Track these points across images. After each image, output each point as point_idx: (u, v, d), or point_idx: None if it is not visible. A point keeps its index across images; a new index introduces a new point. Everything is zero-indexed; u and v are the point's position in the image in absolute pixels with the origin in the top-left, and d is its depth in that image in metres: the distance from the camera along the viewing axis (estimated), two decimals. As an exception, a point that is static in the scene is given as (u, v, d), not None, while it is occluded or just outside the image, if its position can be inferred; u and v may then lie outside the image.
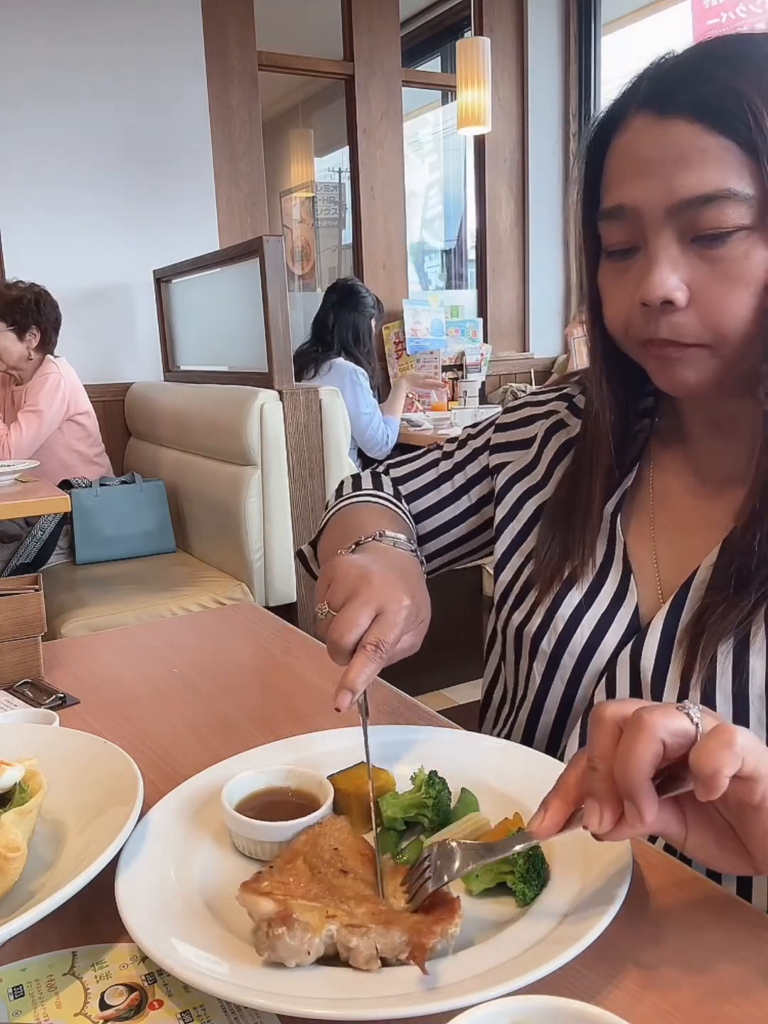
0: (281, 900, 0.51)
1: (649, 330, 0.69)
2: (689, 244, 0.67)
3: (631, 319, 0.71)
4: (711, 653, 0.71)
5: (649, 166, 0.67)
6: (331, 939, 0.50)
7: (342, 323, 3.41)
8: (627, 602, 0.79)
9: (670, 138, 0.66)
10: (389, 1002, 0.47)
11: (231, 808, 0.62)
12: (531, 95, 4.36)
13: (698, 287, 0.67)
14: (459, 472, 0.99)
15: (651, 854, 0.62)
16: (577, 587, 0.81)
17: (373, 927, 0.50)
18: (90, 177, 3.34)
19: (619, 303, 0.73)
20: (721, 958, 0.52)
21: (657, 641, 0.75)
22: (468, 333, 4.28)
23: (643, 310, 0.69)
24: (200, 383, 3.05)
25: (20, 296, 2.84)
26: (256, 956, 0.51)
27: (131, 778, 0.64)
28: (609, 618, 0.79)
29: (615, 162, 0.71)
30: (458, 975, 0.49)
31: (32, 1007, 0.50)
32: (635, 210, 0.68)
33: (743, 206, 0.64)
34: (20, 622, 0.96)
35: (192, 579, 2.62)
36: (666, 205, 0.66)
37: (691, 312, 0.68)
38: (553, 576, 0.83)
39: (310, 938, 0.50)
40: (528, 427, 0.95)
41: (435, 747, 0.75)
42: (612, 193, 0.71)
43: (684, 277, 0.67)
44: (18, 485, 2.34)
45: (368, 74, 4.02)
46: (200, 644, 1.15)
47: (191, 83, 3.50)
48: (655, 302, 0.67)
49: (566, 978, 0.48)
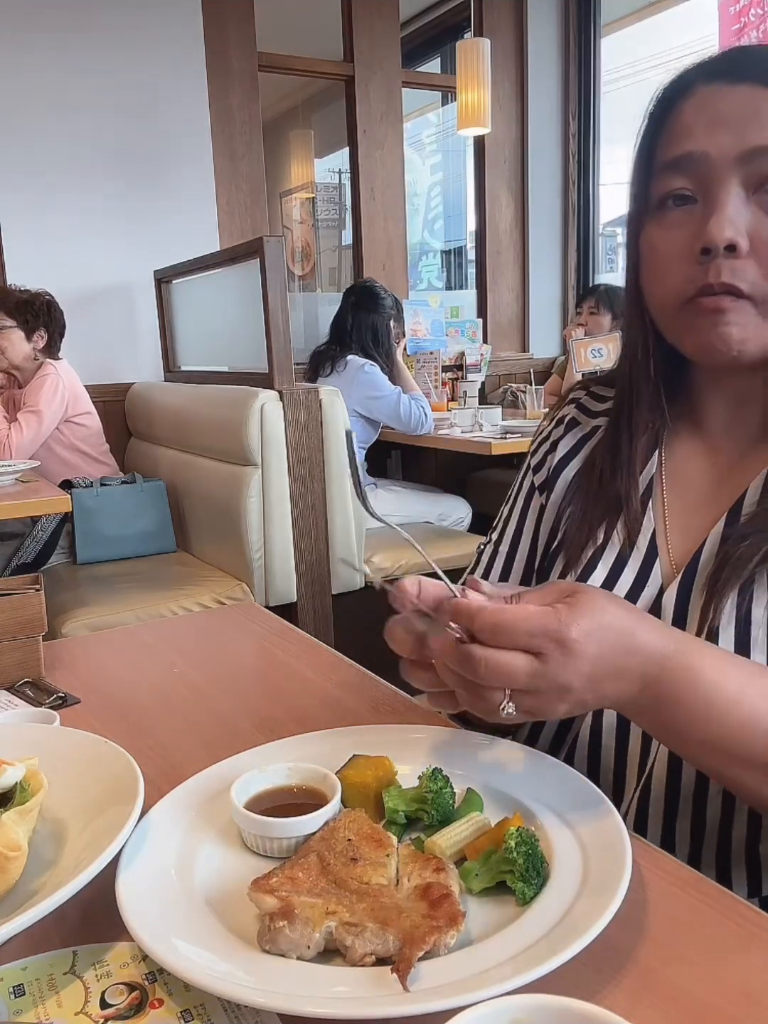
0: (284, 896, 0.52)
1: (707, 276, 0.70)
2: (752, 196, 0.69)
3: (685, 271, 0.71)
4: (724, 602, 0.72)
5: (722, 118, 0.69)
6: (330, 935, 0.51)
7: (361, 324, 3.43)
8: (650, 582, 0.80)
9: (742, 97, 0.69)
10: (389, 1000, 0.47)
11: (240, 807, 0.62)
12: (531, 95, 4.36)
13: (759, 238, 0.69)
14: (520, 539, 0.93)
15: (651, 854, 0.62)
16: (603, 564, 0.82)
17: (369, 926, 0.51)
18: (91, 177, 3.34)
19: (671, 256, 0.73)
20: (721, 958, 0.52)
21: (672, 610, 0.77)
22: (468, 333, 4.28)
23: (700, 259, 0.70)
24: (200, 383, 3.05)
25: (32, 299, 2.89)
26: (257, 955, 0.51)
27: (132, 777, 0.64)
28: (632, 599, 0.79)
29: (683, 119, 0.72)
30: (458, 973, 0.49)
31: (33, 1006, 0.50)
32: (704, 157, 0.70)
33: None
34: (21, 622, 0.96)
35: (192, 579, 2.62)
36: (737, 151, 0.68)
37: (751, 260, 0.69)
38: (580, 550, 0.83)
39: (310, 932, 0.51)
40: (550, 450, 0.92)
41: (435, 746, 0.75)
42: (679, 143, 0.72)
43: (746, 225, 0.69)
44: (19, 485, 2.34)
45: (368, 75, 4.02)
46: (200, 644, 1.15)
47: (191, 84, 3.50)
48: (720, 244, 0.68)
49: (566, 977, 0.48)
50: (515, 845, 0.55)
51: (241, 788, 0.64)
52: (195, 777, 0.70)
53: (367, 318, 3.44)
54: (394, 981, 0.48)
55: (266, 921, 0.51)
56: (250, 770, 0.67)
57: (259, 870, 0.57)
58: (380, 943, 0.50)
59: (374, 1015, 0.46)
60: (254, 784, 0.66)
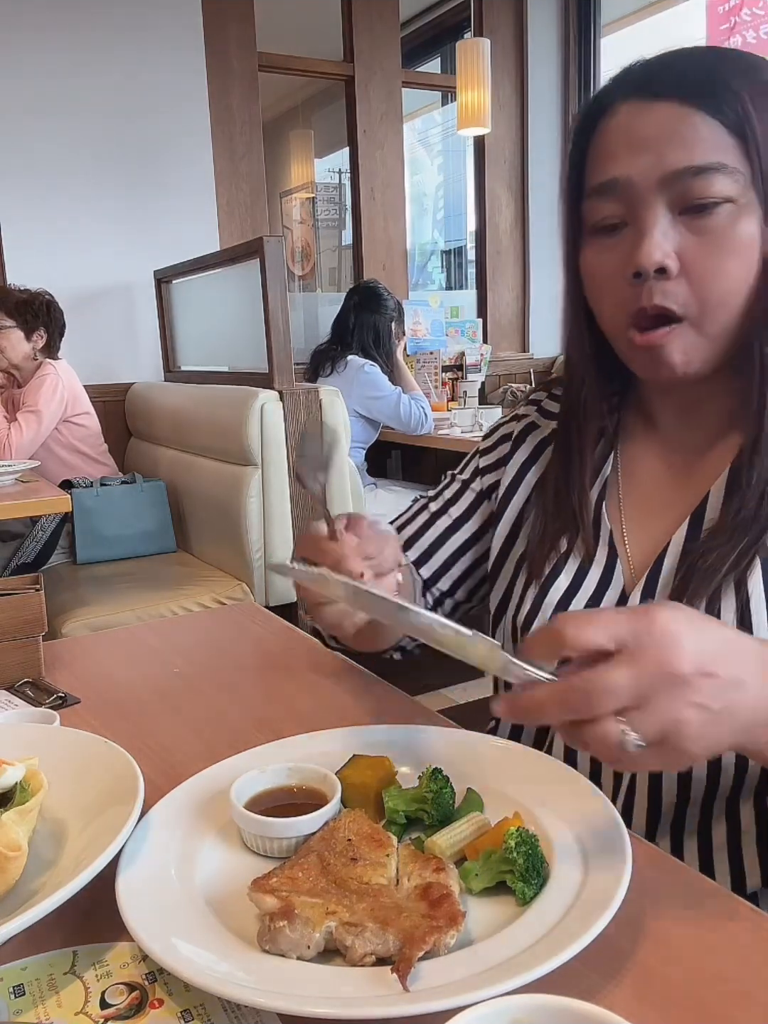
0: (284, 896, 0.52)
1: (640, 300, 0.70)
2: (678, 216, 0.69)
3: (621, 295, 0.72)
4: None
5: (641, 142, 0.70)
6: (330, 935, 0.51)
7: (363, 324, 3.46)
8: (613, 585, 0.80)
9: (661, 116, 0.69)
10: (389, 1000, 0.47)
11: (240, 807, 0.62)
12: (531, 95, 4.36)
13: (688, 258, 0.69)
14: (453, 505, 0.97)
15: (651, 853, 0.62)
16: (565, 573, 0.82)
17: (369, 926, 0.51)
18: (91, 177, 3.34)
19: (607, 280, 0.74)
20: (721, 958, 0.52)
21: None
22: (468, 333, 4.28)
23: (633, 283, 0.70)
24: (200, 383, 3.05)
25: (32, 298, 2.89)
26: (257, 955, 0.51)
27: (131, 777, 0.64)
28: (596, 603, 0.80)
29: (605, 141, 0.73)
30: (458, 973, 0.49)
31: (33, 1006, 0.50)
32: (628, 182, 0.70)
33: (730, 179, 0.67)
34: (21, 622, 0.96)
35: (192, 579, 2.62)
36: (658, 175, 0.68)
37: (682, 281, 0.70)
38: (543, 563, 0.84)
39: (310, 932, 0.51)
40: (506, 443, 0.95)
41: (435, 746, 0.75)
42: (603, 168, 0.72)
43: (674, 246, 0.69)
44: (19, 485, 2.34)
45: (368, 75, 4.02)
46: (200, 644, 1.15)
47: (191, 84, 3.50)
48: (649, 268, 0.69)
49: (566, 977, 0.48)
50: (515, 845, 0.56)
51: (241, 788, 0.64)
52: (195, 777, 0.70)
53: (369, 318, 3.46)
54: (394, 981, 0.48)
55: (266, 921, 0.51)
56: (250, 770, 0.67)
57: (259, 870, 0.57)
58: (380, 943, 0.50)
59: (374, 1015, 0.46)
60: (254, 784, 0.66)
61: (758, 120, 0.67)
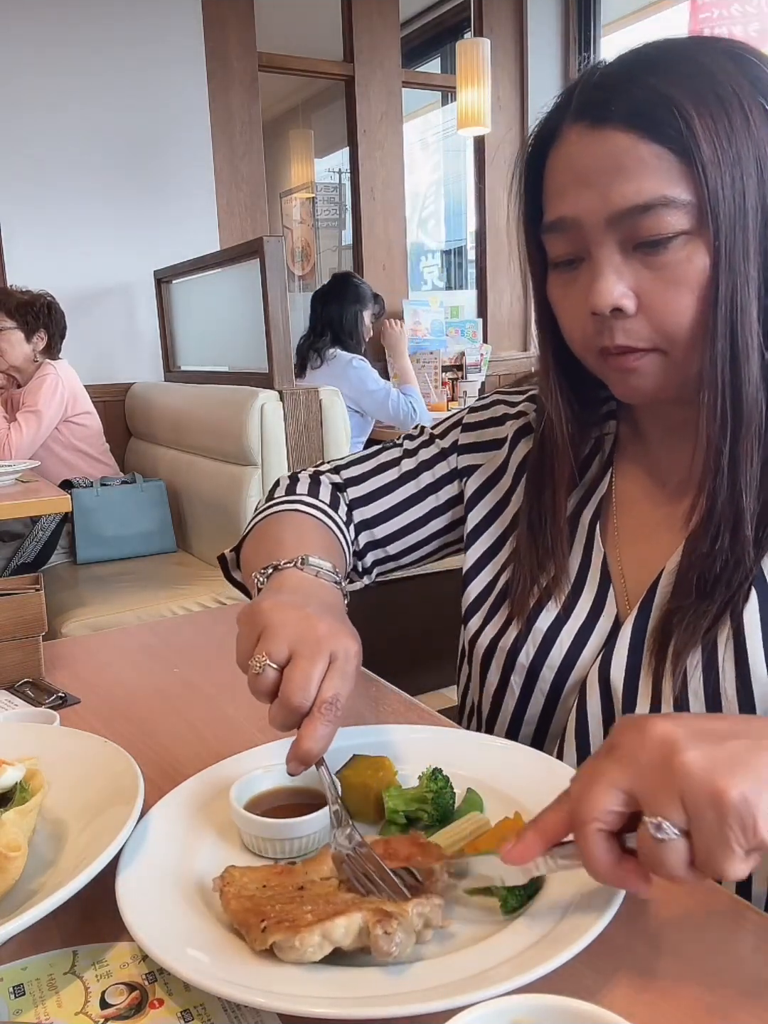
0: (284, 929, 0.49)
1: (603, 339, 0.70)
2: (632, 252, 0.68)
3: (585, 329, 0.71)
4: (682, 662, 0.70)
5: (586, 177, 0.67)
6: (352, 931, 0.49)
7: (329, 311, 3.47)
8: (606, 612, 0.79)
9: (605, 148, 0.66)
10: (389, 1001, 0.47)
11: (240, 809, 0.62)
12: (531, 95, 4.36)
13: (645, 293, 0.68)
14: (426, 471, 0.94)
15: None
16: (554, 599, 0.81)
17: (394, 909, 0.50)
18: (91, 178, 3.34)
19: (571, 314, 0.73)
20: (721, 958, 0.52)
21: (626, 651, 0.75)
22: (468, 333, 4.28)
23: (594, 319, 0.70)
24: (200, 383, 3.05)
25: (32, 300, 2.90)
26: (257, 955, 0.51)
27: (132, 777, 0.64)
28: (588, 630, 0.79)
29: (553, 175, 0.71)
30: (458, 974, 0.48)
31: (33, 1006, 0.50)
32: (576, 221, 0.69)
33: (681, 212, 0.65)
34: (21, 622, 0.96)
35: (192, 579, 2.62)
36: (605, 215, 0.67)
37: (641, 318, 0.68)
38: (529, 588, 0.82)
39: (320, 940, 0.49)
40: (499, 427, 0.93)
41: (435, 746, 0.75)
42: (553, 206, 0.71)
43: (630, 284, 0.68)
44: (19, 485, 2.34)
45: (368, 75, 4.02)
46: (200, 644, 1.15)
47: (191, 84, 3.50)
48: (604, 310, 0.68)
49: (566, 977, 0.48)
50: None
51: (241, 789, 0.64)
52: (195, 777, 0.70)
53: (335, 307, 3.48)
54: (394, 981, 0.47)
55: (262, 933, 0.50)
56: (250, 770, 0.67)
57: (259, 870, 0.57)
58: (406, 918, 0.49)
59: (374, 1015, 0.46)
60: (254, 785, 0.66)
61: (705, 142, 0.63)
